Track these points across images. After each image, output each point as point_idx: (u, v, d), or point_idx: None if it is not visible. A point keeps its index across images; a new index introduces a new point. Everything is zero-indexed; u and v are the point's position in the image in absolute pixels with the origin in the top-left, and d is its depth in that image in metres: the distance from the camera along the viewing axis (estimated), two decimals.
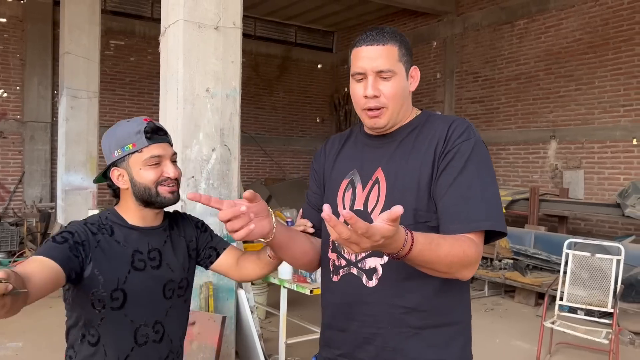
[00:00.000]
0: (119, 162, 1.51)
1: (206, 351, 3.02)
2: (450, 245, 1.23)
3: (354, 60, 1.44)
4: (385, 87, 1.40)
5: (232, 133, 3.46)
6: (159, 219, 1.58)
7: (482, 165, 1.38)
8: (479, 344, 5.17)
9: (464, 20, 9.48)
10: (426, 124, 1.47)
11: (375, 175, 1.44)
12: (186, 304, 1.64)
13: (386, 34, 1.40)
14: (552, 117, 8.13)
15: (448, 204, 1.34)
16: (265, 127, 11.74)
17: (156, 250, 1.54)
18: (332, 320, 1.51)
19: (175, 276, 1.57)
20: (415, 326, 1.39)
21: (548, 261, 6.30)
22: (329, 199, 1.53)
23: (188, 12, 3.25)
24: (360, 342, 1.43)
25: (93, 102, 6.80)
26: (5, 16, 9.04)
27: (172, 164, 1.53)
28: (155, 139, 1.50)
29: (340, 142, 1.62)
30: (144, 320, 1.50)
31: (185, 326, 1.66)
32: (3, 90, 9.07)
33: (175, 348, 1.59)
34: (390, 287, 1.39)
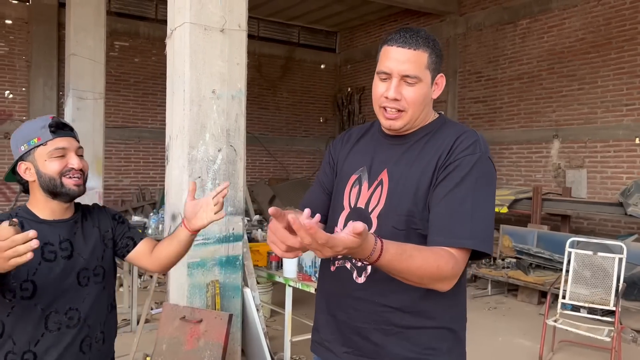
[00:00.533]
0: (25, 156, 1.60)
1: (213, 348, 3.07)
2: (424, 258, 1.24)
3: (382, 58, 1.44)
4: (408, 92, 1.41)
5: (237, 134, 3.50)
6: (69, 212, 1.67)
7: (481, 182, 1.37)
8: (481, 342, 5.21)
9: (466, 20, 9.51)
10: (438, 131, 1.48)
11: (381, 176, 1.48)
12: (105, 290, 1.72)
13: (419, 39, 1.40)
14: (555, 116, 8.16)
15: (437, 216, 1.36)
16: (269, 127, 11.79)
17: (67, 241, 1.63)
18: (325, 306, 1.58)
19: (89, 264, 1.66)
20: (399, 325, 1.43)
21: (551, 260, 6.33)
22: (337, 191, 1.59)
23: (194, 15, 3.30)
24: (348, 331, 1.49)
25: (99, 103, 6.85)
26: (11, 18, 9.12)
27: (77, 156, 1.62)
28: (60, 133, 1.60)
29: (358, 134, 1.65)
30: (54, 308, 1.59)
31: (105, 312, 1.72)
32: (9, 91, 9.15)
33: (93, 333, 1.67)
34: (377, 285, 1.43)
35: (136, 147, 10.18)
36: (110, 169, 9.25)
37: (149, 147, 10.28)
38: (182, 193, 3.34)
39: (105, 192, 7.20)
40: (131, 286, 5.17)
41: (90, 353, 1.66)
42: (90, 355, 1.66)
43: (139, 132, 10.16)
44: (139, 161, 10.22)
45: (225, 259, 3.48)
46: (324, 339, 1.58)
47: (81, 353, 1.63)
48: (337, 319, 1.52)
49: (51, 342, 1.58)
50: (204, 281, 3.40)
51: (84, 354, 1.64)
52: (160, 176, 10.22)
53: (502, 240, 7.02)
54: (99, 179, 6.91)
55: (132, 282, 5.13)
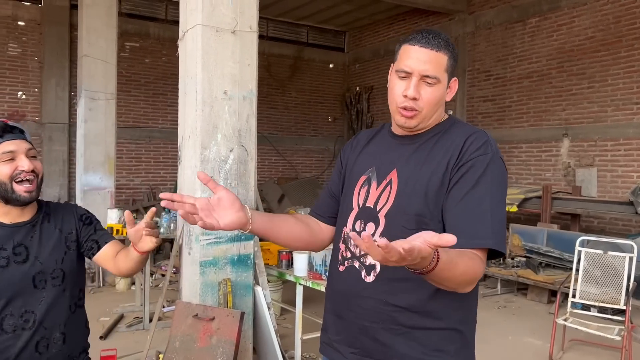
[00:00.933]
0: None
1: (225, 346, 3.12)
2: (466, 265, 1.25)
3: (402, 57, 1.44)
4: (426, 93, 1.42)
5: (248, 134, 3.55)
6: (26, 215, 1.69)
7: (495, 182, 1.39)
8: (491, 340, 5.21)
9: (475, 18, 9.50)
10: (447, 131, 1.49)
11: (390, 176, 1.49)
12: (66, 292, 1.73)
13: (441, 41, 1.41)
14: (565, 115, 8.13)
15: (456, 218, 1.36)
16: (278, 126, 11.84)
17: (22, 245, 1.65)
18: (333, 306, 1.59)
19: (45, 267, 1.67)
20: (407, 325, 1.42)
21: (561, 259, 6.32)
22: (347, 192, 1.61)
23: (206, 17, 3.34)
24: (355, 332, 1.50)
25: (110, 103, 6.93)
26: (23, 20, 9.23)
27: (27, 158, 1.63)
28: (7, 137, 1.62)
29: (368, 137, 1.66)
30: (9, 311, 1.62)
31: (66, 314, 1.74)
32: (22, 92, 9.26)
33: (50, 334, 1.69)
34: (385, 285, 1.43)
35: (147, 146, 10.27)
36: (121, 169, 9.34)
37: (159, 146, 10.37)
38: (195, 193, 3.39)
39: (116, 191, 7.27)
40: (143, 284, 5.23)
41: (47, 353, 1.68)
42: (48, 355, 1.68)
43: (149, 132, 10.25)
44: (150, 161, 10.31)
45: (236, 258, 3.53)
46: (331, 339, 1.58)
47: (37, 354, 1.66)
48: (345, 319, 1.53)
49: (7, 343, 1.63)
50: (216, 279, 3.44)
51: (40, 354, 1.66)
52: (171, 176, 10.31)
53: (511, 239, 7.02)
54: (110, 179, 6.99)
55: (145, 280, 5.20)
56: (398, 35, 11.27)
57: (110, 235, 1.88)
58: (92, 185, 6.84)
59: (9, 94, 9.16)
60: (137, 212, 8.89)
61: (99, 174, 6.87)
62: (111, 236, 1.87)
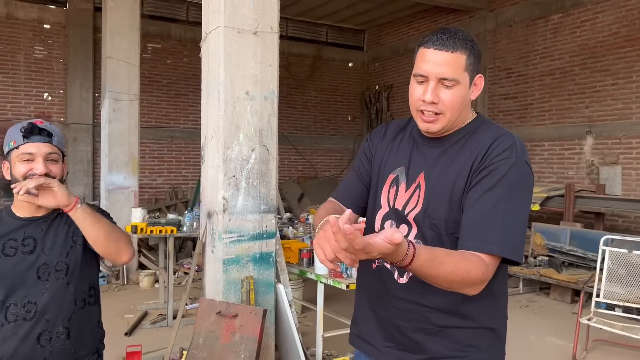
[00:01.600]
0: (7, 156, 1.75)
1: (248, 342, 3.16)
2: (455, 264, 1.24)
3: (419, 61, 1.42)
4: (446, 95, 1.39)
5: (270, 134, 3.59)
6: (42, 211, 1.77)
7: (515, 188, 1.35)
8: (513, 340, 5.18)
9: (496, 16, 9.42)
10: (475, 133, 1.46)
11: (418, 179, 1.48)
12: (70, 286, 1.76)
13: (457, 40, 1.37)
14: (588, 112, 8.02)
15: (468, 220, 1.35)
16: (297, 126, 11.88)
17: (31, 237, 1.73)
18: (366, 301, 1.61)
19: (50, 260, 1.73)
20: (439, 325, 1.44)
21: (584, 258, 6.24)
22: (376, 189, 1.59)
23: (228, 19, 3.39)
24: (388, 328, 1.52)
25: (134, 104, 7.05)
26: (49, 23, 9.42)
27: (45, 161, 1.70)
28: (32, 139, 1.70)
29: (395, 130, 1.63)
30: (13, 300, 1.68)
31: (70, 308, 1.76)
32: (48, 94, 9.46)
33: (53, 328, 1.72)
34: (419, 287, 1.42)
35: (169, 146, 10.41)
36: (144, 168, 9.48)
37: (181, 146, 10.49)
38: (218, 192, 3.44)
39: (139, 190, 7.39)
40: (167, 282, 5.32)
41: (50, 347, 1.71)
42: (52, 349, 1.72)
43: (171, 132, 10.38)
44: (172, 160, 10.45)
45: (258, 256, 3.57)
46: (363, 332, 1.61)
47: (39, 347, 1.70)
48: (379, 315, 1.55)
49: (8, 333, 1.69)
50: (238, 277, 3.49)
51: (42, 347, 1.70)
52: (193, 175, 10.43)
53: (533, 238, 6.95)
54: (134, 178, 7.11)
55: (168, 278, 5.28)
56: (418, 33, 11.22)
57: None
58: (116, 184, 6.97)
59: (35, 95, 9.36)
60: (159, 211, 9.02)
61: (123, 174, 6.99)
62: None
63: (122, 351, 3.86)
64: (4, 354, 1.69)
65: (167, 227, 5.29)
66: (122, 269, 6.81)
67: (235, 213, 3.46)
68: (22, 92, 9.24)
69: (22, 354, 1.70)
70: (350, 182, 1.68)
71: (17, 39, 9.17)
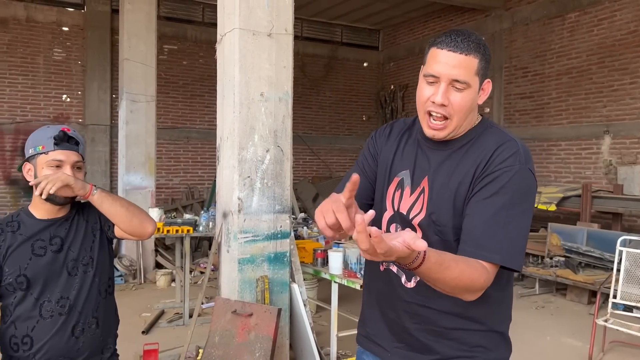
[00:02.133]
0: (30, 158, 1.80)
1: (263, 341, 3.20)
2: (461, 270, 1.23)
3: (430, 61, 1.40)
4: (456, 98, 1.38)
5: (284, 135, 3.62)
6: (62, 212, 1.85)
7: (517, 196, 1.34)
8: (529, 341, 5.15)
9: (512, 14, 9.35)
10: (480, 138, 1.45)
11: (422, 184, 1.48)
12: (96, 278, 1.87)
13: (471, 44, 1.36)
14: (606, 111, 7.92)
15: (468, 226, 1.35)
16: (312, 126, 11.91)
17: (57, 237, 1.82)
18: (374, 302, 1.62)
19: (78, 256, 1.84)
20: (448, 327, 1.46)
21: (601, 259, 6.18)
22: (379, 191, 1.59)
23: (243, 21, 3.42)
24: (396, 329, 1.54)
25: (151, 105, 7.13)
26: (67, 25, 9.57)
27: (72, 169, 1.78)
28: (62, 146, 1.77)
29: (400, 130, 1.61)
30: (47, 297, 1.77)
31: (97, 299, 1.87)
32: (66, 95, 9.61)
33: (85, 319, 1.83)
34: (427, 290, 1.42)
35: (185, 147, 10.51)
36: (160, 169, 9.58)
37: (197, 147, 10.59)
38: (233, 192, 3.48)
39: (156, 190, 7.48)
40: (183, 281, 5.38)
41: (83, 337, 1.82)
42: (84, 339, 1.83)
43: (187, 133, 10.48)
44: (188, 161, 10.55)
45: (273, 256, 3.61)
46: (371, 333, 1.62)
47: (74, 338, 1.81)
48: (387, 316, 1.56)
49: (45, 328, 1.78)
50: (253, 276, 3.53)
51: (76, 338, 1.81)
52: (209, 175, 10.51)
53: (550, 238, 6.89)
54: (151, 179, 7.19)
55: (185, 277, 5.34)
56: (433, 32, 11.18)
57: None
58: (133, 184, 7.06)
59: (54, 97, 9.52)
60: (176, 211, 9.11)
61: (140, 174, 7.08)
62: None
63: (140, 349, 3.92)
64: (42, 348, 1.77)
65: (183, 227, 5.35)
66: (139, 268, 6.89)
67: (250, 213, 3.50)
68: (41, 93, 9.41)
69: (59, 347, 1.79)
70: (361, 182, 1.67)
71: (37, 41, 9.34)
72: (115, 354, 1.98)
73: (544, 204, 7.02)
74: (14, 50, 9.16)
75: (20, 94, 9.23)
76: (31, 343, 1.76)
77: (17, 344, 1.77)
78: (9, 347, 1.79)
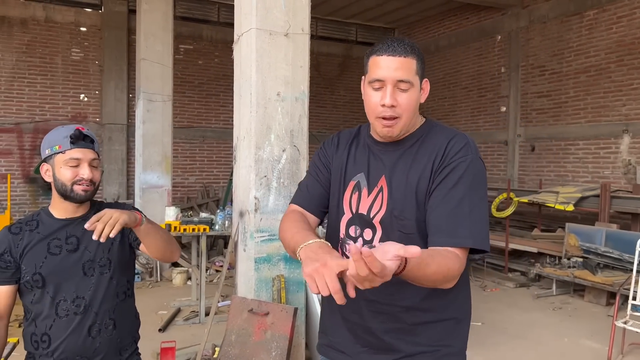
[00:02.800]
0: (47, 159, 1.81)
1: (279, 340, 3.21)
2: (438, 264, 1.30)
3: (373, 68, 1.49)
4: (402, 98, 1.46)
5: (300, 134, 3.62)
6: (80, 211, 1.86)
7: (475, 184, 1.44)
8: (547, 342, 5.11)
9: (529, 12, 9.25)
10: (428, 135, 1.54)
11: (380, 183, 1.53)
12: (114, 280, 1.87)
13: (407, 47, 1.46)
14: (625, 110, 7.81)
15: (437, 218, 1.42)
16: (327, 125, 11.92)
17: (74, 237, 1.82)
18: (335, 309, 1.63)
19: (94, 256, 1.83)
20: (411, 323, 1.51)
21: (620, 260, 6.10)
22: (337, 197, 1.63)
23: (260, 21, 3.43)
24: (360, 332, 1.57)
25: (167, 104, 7.19)
26: (85, 25, 9.69)
27: (89, 167, 1.79)
28: (78, 144, 1.78)
29: (348, 139, 1.68)
30: (63, 296, 1.79)
31: (114, 301, 1.87)
32: (84, 95, 9.72)
33: (102, 319, 1.84)
34: (389, 287, 1.44)
35: (200, 146, 10.58)
36: (176, 168, 9.66)
37: (212, 146, 10.65)
38: (249, 191, 3.49)
39: (172, 189, 7.54)
40: (199, 280, 5.42)
41: (100, 337, 1.83)
42: (100, 339, 1.83)
43: (203, 132, 10.55)
44: (203, 160, 10.61)
45: (289, 255, 3.61)
46: (334, 341, 1.65)
47: (90, 338, 1.82)
48: (349, 321, 1.59)
49: (61, 326, 1.79)
50: (270, 275, 3.54)
51: (93, 338, 1.82)
52: (224, 174, 10.57)
53: (567, 238, 6.82)
54: (167, 177, 7.25)
55: (200, 275, 5.38)
56: (449, 31, 11.11)
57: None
58: (150, 183, 7.12)
59: (72, 96, 9.64)
60: (191, 210, 9.18)
61: (157, 173, 7.14)
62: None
63: (157, 347, 3.96)
64: (59, 347, 1.79)
65: (200, 226, 5.39)
66: (156, 266, 6.96)
67: (267, 212, 3.51)
68: (59, 93, 9.53)
69: (76, 346, 1.80)
70: (311, 186, 1.70)
71: (55, 41, 9.46)
72: (135, 353, 1.99)
73: (562, 203, 6.94)
74: (33, 50, 9.30)
75: (39, 93, 9.37)
76: (49, 341, 1.79)
77: (37, 342, 1.80)
78: (30, 345, 1.82)
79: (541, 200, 7.33)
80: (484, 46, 10.22)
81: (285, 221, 1.61)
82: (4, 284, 1.78)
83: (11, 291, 1.80)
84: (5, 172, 8.98)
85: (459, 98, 10.84)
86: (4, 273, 1.78)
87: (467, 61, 10.64)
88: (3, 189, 8.92)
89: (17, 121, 9.23)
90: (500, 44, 9.89)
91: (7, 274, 1.78)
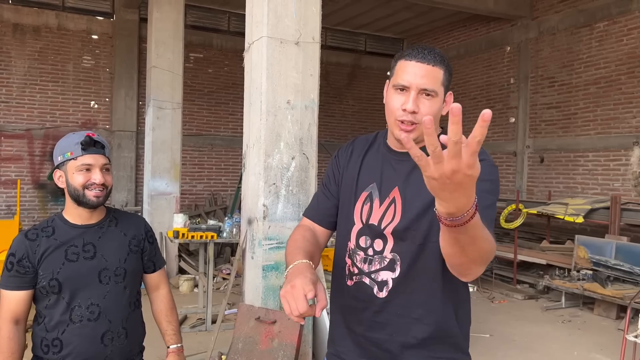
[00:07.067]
0: (60, 165, 1.84)
1: (286, 349, 3.19)
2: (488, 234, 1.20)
3: (399, 72, 1.47)
4: (424, 106, 1.44)
5: (310, 142, 3.62)
6: (95, 218, 1.89)
7: (492, 188, 1.40)
8: (555, 355, 5.06)
9: (539, 24, 9.25)
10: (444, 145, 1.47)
11: (392, 194, 1.51)
12: (127, 290, 1.91)
13: (437, 56, 1.45)
14: (635, 122, 7.77)
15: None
16: (335, 134, 11.93)
17: (90, 244, 1.85)
18: (341, 320, 1.63)
19: (110, 265, 1.86)
20: (419, 337, 1.49)
21: (631, 273, 6.04)
22: (345, 204, 1.63)
23: (271, 29, 3.45)
24: (365, 344, 1.56)
25: (177, 112, 7.22)
26: (97, 33, 9.78)
27: (101, 172, 1.82)
28: (89, 150, 1.81)
29: (364, 147, 1.66)
30: (78, 302, 1.81)
31: (126, 310, 1.90)
32: (94, 102, 9.80)
33: (115, 328, 1.86)
34: (399, 299, 1.47)
35: (209, 153, 10.61)
36: (185, 175, 9.70)
37: (221, 153, 10.69)
38: (258, 199, 3.49)
39: (180, 196, 7.56)
40: (206, 287, 5.41)
41: (112, 346, 1.85)
42: (113, 348, 1.85)
43: (211, 140, 10.59)
44: (212, 167, 10.65)
45: None
46: (340, 350, 1.64)
47: (102, 345, 1.83)
48: (354, 332, 1.58)
49: (74, 332, 1.80)
50: (277, 283, 3.53)
51: (105, 346, 1.83)
52: (232, 182, 10.59)
53: (577, 250, 6.76)
54: (176, 184, 7.27)
55: (207, 283, 5.37)
56: (458, 42, 11.12)
57: (163, 260, 2.13)
58: (158, 190, 7.14)
59: (83, 103, 9.72)
60: (199, 217, 9.19)
61: (165, 180, 7.16)
62: (164, 261, 2.13)
63: (163, 354, 3.93)
64: (71, 353, 1.80)
65: (207, 233, 5.39)
66: None
67: (275, 220, 3.51)
68: (70, 100, 9.62)
69: (88, 353, 1.81)
70: (320, 199, 1.72)
71: (67, 49, 9.56)
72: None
73: (571, 215, 6.89)
74: (45, 57, 9.40)
75: (50, 100, 9.46)
76: (61, 346, 1.80)
77: (48, 346, 1.81)
78: (40, 349, 1.83)
79: (550, 211, 7.28)
80: (493, 57, 10.21)
81: (291, 237, 1.64)
82: (23, 289, 1.80)
83: (28, 296, 1.82)
84: (16, 177, 9.05)
85: (467, 109, 10.82)
86: (22, 278, 1.80)
87: (476, 72, 10.64)
88: (13, 194, 8.98)
89: (28, 127, 9.31)
90: (510, 55, 9.89)
91: (25, 279, 1.80)
